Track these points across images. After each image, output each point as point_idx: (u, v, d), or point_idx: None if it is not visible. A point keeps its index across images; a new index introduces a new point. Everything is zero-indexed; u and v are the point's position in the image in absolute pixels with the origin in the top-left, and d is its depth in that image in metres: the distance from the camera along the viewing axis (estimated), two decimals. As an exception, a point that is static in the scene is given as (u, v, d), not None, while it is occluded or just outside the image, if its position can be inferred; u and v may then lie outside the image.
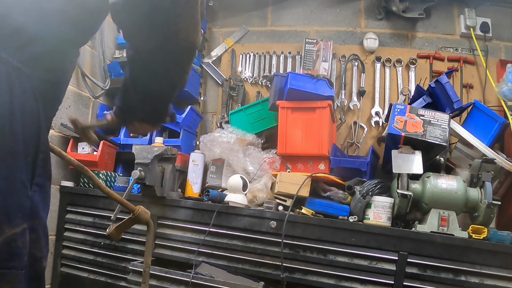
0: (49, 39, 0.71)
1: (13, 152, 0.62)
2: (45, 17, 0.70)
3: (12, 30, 0.66)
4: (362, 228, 1.45)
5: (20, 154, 0.64)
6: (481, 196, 1.45)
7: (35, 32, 0.69)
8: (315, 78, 1.80)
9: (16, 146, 0.63)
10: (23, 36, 0.67)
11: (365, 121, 2.10)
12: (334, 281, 1.43)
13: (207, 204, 1.63)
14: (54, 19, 0.71)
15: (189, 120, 2.08)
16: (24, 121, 0.64)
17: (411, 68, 2.10)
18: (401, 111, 1.63)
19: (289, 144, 1.79)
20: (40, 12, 0.69)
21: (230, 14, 2.42)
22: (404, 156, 1.54)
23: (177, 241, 1.63)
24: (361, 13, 2.26)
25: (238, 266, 1.54)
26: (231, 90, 2.24)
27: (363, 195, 1.54)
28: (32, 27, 0.69)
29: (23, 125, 0.64)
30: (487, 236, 1.39)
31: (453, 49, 2.12)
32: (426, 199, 1.47)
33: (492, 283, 1.32)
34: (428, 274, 1.36)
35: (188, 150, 2.02)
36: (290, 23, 2.33)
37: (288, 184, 1.63)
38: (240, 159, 1.81)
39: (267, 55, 2.28)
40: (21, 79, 0.66)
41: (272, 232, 1.51)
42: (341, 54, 2.17)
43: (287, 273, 1.47)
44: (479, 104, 1.76)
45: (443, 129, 1.57)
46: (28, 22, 0.68)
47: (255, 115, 2.04)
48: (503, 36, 2.09)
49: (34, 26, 0.69)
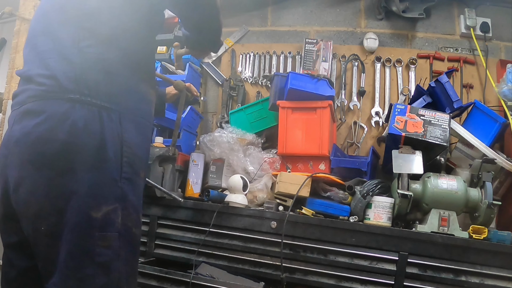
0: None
1: (106, 160, 0.93)
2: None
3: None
4: (362, 228, 1.45)
5: (110, 160, 0.94)
6: (482, 196, 1.45)
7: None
8: (316, 78, 1.79)
9: (107, 156, 0.93)
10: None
11: (365, 121, 2.10)
12: (334, 281, 1.43)
13: (207, 204, 1.62)
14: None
15: (189, 120, 2.08)
16: (111, 141, 0.95)
17: (411, 68, 2.10)
18: (402, 111, 1.63)
19: (290, 144, 1.79)
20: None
21: (230, 14, 2.42)
22: (404, 156, 1.54)
23: (177, 241, 1.62)
24: (361, 13, 2.26)
25: (238, 266, 1.54)
26: (231, 90, 2.23)
27: (364, 195, 1.54)
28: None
29: (112, 143, 0.94)
30: (488, 236, 1.38)
31: (453, 49, 2.12)
32: (426, 199, 1.47)
33: (492, 283, 1.32)
34: (428, 274, 1.36)
35: (188, 150, 2.02)
36: (290, 23, 2.33)
37: (289, 184, 1.63)
38: (240, 159, 1.81)
39: (267, 55, 2.28)
40: (107, 112, 0.95)
41: (272, 232, 1.51)
42: (341, 54, 2.17)
43: (287, 273, 1.46)
44: (479, 104, 1.76)
45: (443, 129, 1.56)
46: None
47: (255, 115, 2.04)
48: (503, 36, 2.09)
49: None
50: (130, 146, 0.98)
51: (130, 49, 1.01)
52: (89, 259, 0.91)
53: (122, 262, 0.96)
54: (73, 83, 0.92)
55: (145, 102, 1.06)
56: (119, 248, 0.95)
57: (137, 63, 1.04)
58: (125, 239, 0.97)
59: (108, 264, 0.93)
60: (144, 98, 1.06)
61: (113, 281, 0.94)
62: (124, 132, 0.97)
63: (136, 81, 1.03)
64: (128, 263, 0.98)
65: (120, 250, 0.95)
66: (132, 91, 1.01)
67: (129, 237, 0.99)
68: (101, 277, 0.92)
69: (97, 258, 0.91)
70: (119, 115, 0.96)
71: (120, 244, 0.95)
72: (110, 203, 0.93)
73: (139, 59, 1.05)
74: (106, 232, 0.93)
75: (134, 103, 1.01)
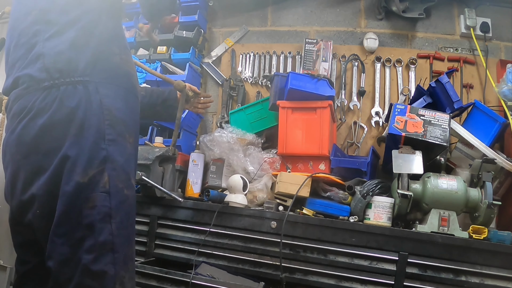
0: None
1: (89, 126, 0.97)
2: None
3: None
4: (362, 228, 1.45)
5: (93, 126, 0.98)
6: (482, 196, 1.45)
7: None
8: (316, 78, 1.79)
9: (89, 122, 0.98)
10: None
11: (365, 121, 2.10)
12: (335, 281, 1.43)
13: (207, 204, 1.62)
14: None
15: (189, 120, 2.08)
16: (91, 108, 0.99)
17: (411, 68, 2.10)
18: (402, 111, 1.63)
19: (290, 144, 1.79)
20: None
21: (230, 14, 2.42)
22: (404, 156, 1.54)
23: (177, 241, 1.62)
24: (361, 13, 2.26)
25: (238, 266, 1.54)
26: (231, 90, 2.23)
27: (364, 195, 1.54)
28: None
29: (92, 110, 0.99)
30: (488, 236, 1.39)
31: (453, 49, 2.12)
32: (426, 199, 1.47)
33: (492, 283, 1.32)
34: (428, 274, 1.36)
35: (188, 150, 2.02)
36: (290, 23, 2.33)
37: (289, 184, 1.63)
38: (240, 159, 1.81)
39: (267, 55, 2.28)
40: (84, 85, 1.00)
41: (273, 232, 1.51)
42: (341, 54, 2.17)
43: (287, 273, 1.46)
44: (479, 104, 1.76)
45: (443, 129, 1.56)
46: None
47: (255, 115, 2.04)
48: (503, 36, 2.09)
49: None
50: (110, 109, 1.02)
51: (92, 26, 1.05)
52: (77, 223, 0.93)
53: (115, 224, 0.96)
54: (44, 73, 0.98)
55: (121, 71, 1.09)
56: (109, 209, 0.96)
57: (104, 37, 1.07)
58: (117, 199, 0.98)
59: (95, 224, 0.94)
60: (119, 68, 1.09)
61: (104, 242, 0.94)
62: (103, 98, 1.01)
63: (106, 54, 1.07)
64: (122, 225, 0.98)
65: (111, 211, 0.96)
66: (104, 62, 1.05)
67: (121, 197, 1.00)
68: (89, 238, 0.93)
69: (84, 220, 0.93)
70: (96, 85, 1.01)
71: (111, 205, 0.96)
72: (95, 166, 0.96)
73: (104, 33, 1.07)
74: (91, 193, 0.95)
75: (108, 73, 1.05)
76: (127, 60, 1.14)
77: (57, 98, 0.97)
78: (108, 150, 0.98)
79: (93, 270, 0.92)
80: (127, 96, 1.09)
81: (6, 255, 1.90)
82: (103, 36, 1.06)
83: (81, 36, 1.02)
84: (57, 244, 0.93)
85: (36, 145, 0.96)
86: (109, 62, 1.07)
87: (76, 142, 0.96)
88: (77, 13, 1.03)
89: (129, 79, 1.12)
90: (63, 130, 0.96)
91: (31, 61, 1.00)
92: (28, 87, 0.99)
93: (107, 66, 1.06)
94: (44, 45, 1.00)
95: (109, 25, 1.09)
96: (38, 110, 0.97)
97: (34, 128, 0.97)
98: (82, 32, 1.02)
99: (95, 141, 0.97)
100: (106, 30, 1.08)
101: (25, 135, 0.98)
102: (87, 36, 1.03)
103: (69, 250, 0.93)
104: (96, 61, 1.03)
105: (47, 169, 0.95)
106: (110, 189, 0.97)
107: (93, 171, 0.95)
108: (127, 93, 1.10)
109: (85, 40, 1.02)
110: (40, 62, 0.99)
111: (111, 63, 1.07)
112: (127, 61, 1.14)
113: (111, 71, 1.06)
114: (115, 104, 1.04)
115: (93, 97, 1.00)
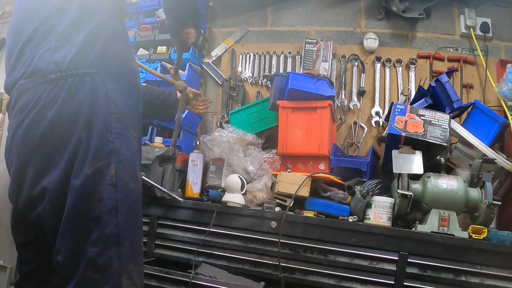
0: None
1: (96, 118, 0.98)
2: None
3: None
4: (362, 228, 1.45)
5: (100, 118, 0.98)
6: (482, 196, 1.45)
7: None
8: (316, 78, 1.79)
9: (97, 114, 0.99)
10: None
11: (365, 121, 2.10)
12: (335, 281, 1.43)
13: (207, 204, 1.62)
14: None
15: (189, 120, 2.08)
16: (99, 100, 1.00)
17: (411, 68, 2.10)
18: (402, 111, 1.63)
19: (290, 144, 1.79)
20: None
21: (230, 14, 2.42)
22: (404, 156, 1.54)
23: (177, 241, 1.63)
24: (361, 13, 2.26)
25: (238, 266, 1.54)
26: (231, 90, 2.23)
27: (363, 195, 1.54)
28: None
29: (99, 102, 1.00)
30: (488, 236, 1.39)
31: (453, 49, 2.12)
32: (426, 199, 1.47)
33: (492, 283, 1.32)
34: (428, 274, 1.36)
35: (188, 150, 2.02)
36: (290, 23, 2.33)
37: (288, 184, 1.63)
38: (240, 159, 1.81)
39: (267, 55, 2.28)
40: (91, 77, 1.01)
41: (272, 232, 1.51)
42: (341, 54, 2.17)
43: (288, 273, 1.46)
44: (479, 104, 1.76)
45: (443, 129, 1.56)
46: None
47: (255, 115, 2.04)
48: (503, 36, 2.09)
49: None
50: (116, 103, 1.03)
51: (102, 23, 1.07)
52: (85, 216, 0.94)
53: (121, 217, 0.97)
54: (52, 65, 0.98)
55: (126, 68, 1.11)
56: (115, 201, 0.96)
57: (112, 34, 1.09)
58: (123, 193, 0.98)
59: (102, 216, 0.94)
60: (124, 64, 1.10)
61: (109, 235, 0.94)
62: (109, 91, 1.02)
63: (114, 49, 1.08)
64: (127, 218, 0.98)
65: (117, 204, 0.96)
66: (111, 56, 1.07)
67: (127, 191, 1.00)
68: (96, 231, 0.93)
69: (91, 213, 0.94)
70: (103, 78, 1.02)
71: (117, 198, 0.97)
72: (103, 158, 0.97)
73: (112, 31, 1.09)
74: (98, 186, 0.95)
75: (114, 67, 1.06)
76: (132, 58, 1.15)
77: (65, 90, 0.97)
78: (115, 143, 0.99)
79: (98, 263, 0.92)
80: (131, 92, 1.11)
81: (6, 255, 1.90)
82: (111, 34, 1.08)
83: (91, 33, 1.03)
84: (66, 238, 0.93)
85: (46, 138, 0.96)
86: (116, 57, 1.08)
87: (85, 135, 0.96)
88: (88, 11, 1.04)
89: (133, 76, 1.13)
90: (72, 122, 0.97)
91: (40, 56, 1.00)
92: (34, 81, 0.99)
93: (113, 61, 1.07)
94: (56, 39, 1.01)
95: (116, 24, 1.11)
96: (46, 103, 0.97)
97: (43, 121, 0.96)
98: (92, 29, 1.04)
99: (103, 133, 0.98)
100: (113, 29, 1.10)
101: (33, 128, 0.97)
102: (97, 33, 1.04)
103: (76, 243, 0.93)
104: (103, 55, 1.04)
105: (58, 163, 0.95)
106: (117, 182, 0.97)
107: (100, 163, 0.96)
108: (131, 88, 1.11)
109: (94, 38, 1.04)
110: (48, 55, 0.99)
111: (118, 58, 1.09)
112: (132, 58, 1.15)
113: (117, 66, 1.07)
114: (121, 98, 1.05)
115: (100, 89, 1.01)
